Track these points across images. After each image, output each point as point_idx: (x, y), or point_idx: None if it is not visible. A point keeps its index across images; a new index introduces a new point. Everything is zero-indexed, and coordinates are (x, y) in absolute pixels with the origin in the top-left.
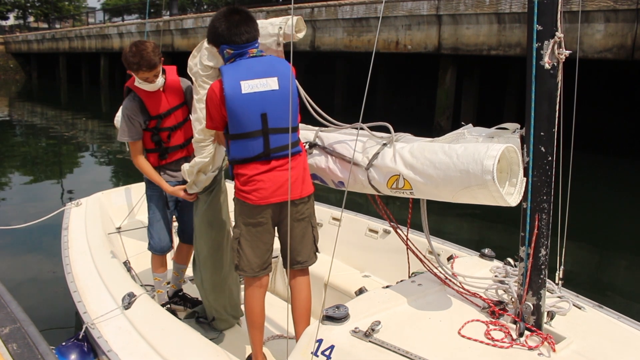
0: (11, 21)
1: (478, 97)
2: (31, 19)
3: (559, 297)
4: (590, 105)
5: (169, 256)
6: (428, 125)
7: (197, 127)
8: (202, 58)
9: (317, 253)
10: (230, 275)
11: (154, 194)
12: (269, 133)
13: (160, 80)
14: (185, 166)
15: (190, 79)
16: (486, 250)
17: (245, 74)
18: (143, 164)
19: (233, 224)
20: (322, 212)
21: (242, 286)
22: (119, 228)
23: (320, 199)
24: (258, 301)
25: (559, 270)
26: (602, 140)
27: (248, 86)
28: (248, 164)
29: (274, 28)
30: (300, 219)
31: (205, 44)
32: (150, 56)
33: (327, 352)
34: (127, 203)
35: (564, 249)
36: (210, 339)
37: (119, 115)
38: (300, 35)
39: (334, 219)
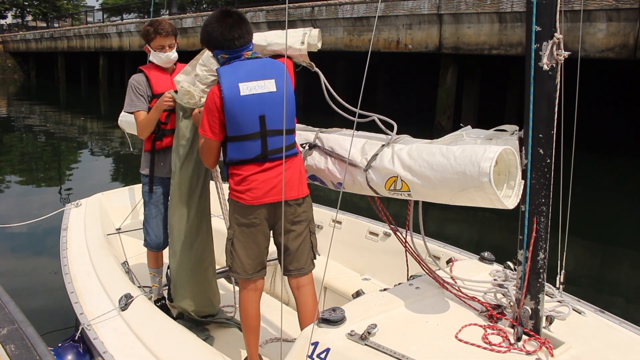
0: (9, 20)
1: (479, 97)
2: (29, 17)
3: (558, 301)
4: (592, 104)
5: (166, 252)
6: (429, 124)
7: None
8: (209, 65)
9: (314, 260)
10: (202, 265)
11: (151, 191)
12: (267, 135)
13: (173, 54)
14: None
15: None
16: (486, 254)
17: (243, 76)
18: (144, 120)
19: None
20: (323, 214)
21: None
22: (119, 229)
23: (321, 201)
24: (252, 305)
25: (560, 275)
26: (604, 139)
27: (247, 88)
28: (244, 165)
29: (295, 41)
30: (296, 221)
31: (202, 60)
32: (167, 23)
33: (322, 355)
34: (128, 204)
35: (565, 253)
36: (204, 340)
37: (122, 115)
38: (320, 45)
39: (334, 221)
